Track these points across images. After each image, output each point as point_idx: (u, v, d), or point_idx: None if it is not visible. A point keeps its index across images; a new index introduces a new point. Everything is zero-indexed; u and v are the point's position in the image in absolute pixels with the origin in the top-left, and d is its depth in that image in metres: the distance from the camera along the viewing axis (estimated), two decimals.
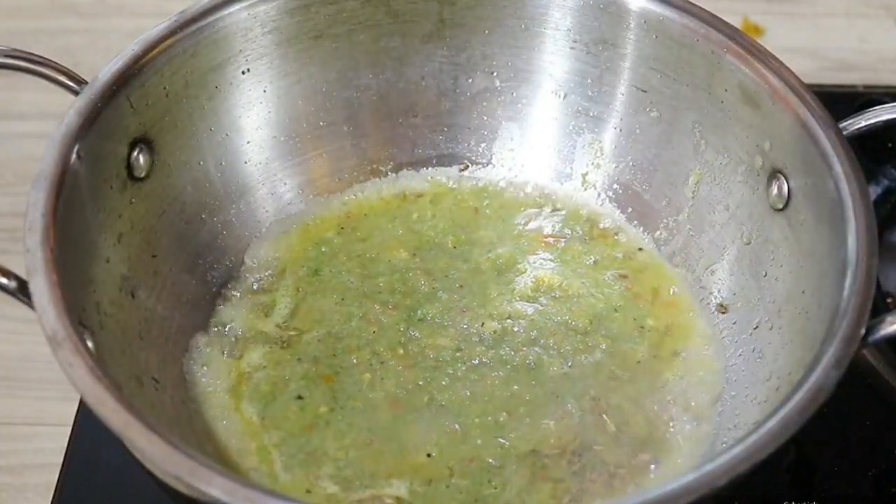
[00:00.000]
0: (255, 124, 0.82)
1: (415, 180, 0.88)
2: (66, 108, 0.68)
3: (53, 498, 0.76)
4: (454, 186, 0.89)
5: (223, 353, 0.77)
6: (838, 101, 0.71)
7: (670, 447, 0.74)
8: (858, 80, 1.07)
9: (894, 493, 0.77)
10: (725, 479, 0.55)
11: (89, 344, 0.60)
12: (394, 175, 0.88)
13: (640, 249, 0.85)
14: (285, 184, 0.85)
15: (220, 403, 0.75)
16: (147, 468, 0.59)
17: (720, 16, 0.78)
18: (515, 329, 0.79)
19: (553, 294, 0.82)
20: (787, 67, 0.74)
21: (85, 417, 0.80)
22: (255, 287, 0.81)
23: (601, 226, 0.86)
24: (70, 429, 0.79)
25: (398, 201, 0.88)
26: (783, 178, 0.74)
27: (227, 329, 0.78)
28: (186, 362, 0.76)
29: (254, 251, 0.83)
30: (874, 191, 0.91)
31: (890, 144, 0.95)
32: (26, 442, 0.84)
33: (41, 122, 1.01)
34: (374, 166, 0.88)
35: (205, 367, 0.76)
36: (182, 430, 0.71)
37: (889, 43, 1.15)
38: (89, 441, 0.78)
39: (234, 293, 0.81)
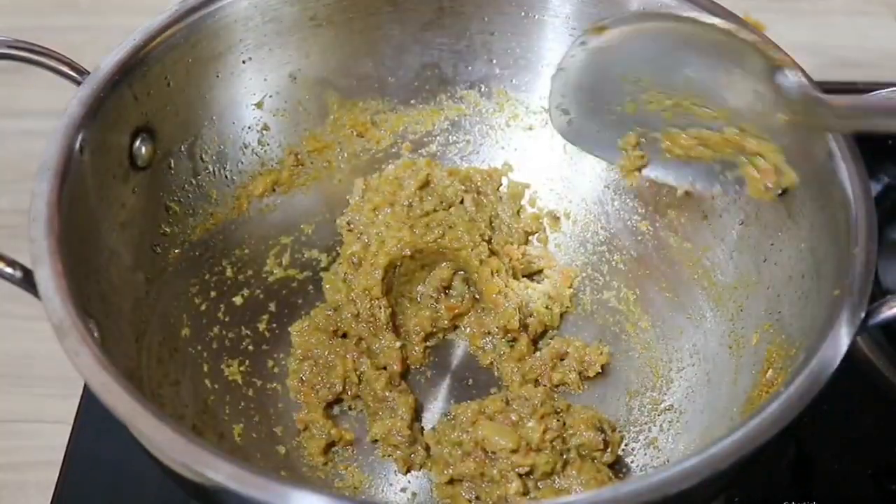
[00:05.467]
0: (256, 114, 0.82)
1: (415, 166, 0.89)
2: (68, 100, 0.68)
3: (54, 495, 0.77)
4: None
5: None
6: None
7: (672, 428, 0.75)
8: (859, 77, 1.07)
9: (894, 492, 0.78)
10: (728, 463, 0.55)
11: (95, 333, 0.61)
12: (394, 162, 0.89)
13: None
14: None
15: None
16: (153, 455, 0.59)
17: None
18: None
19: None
20: (787, 55, 0.74)
21: (85, 415, 0.80)
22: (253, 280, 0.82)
23: None
24: (70, 426, 0.80)
25: (395, 188, 0.88)
26: None
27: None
28: None
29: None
30: (874, 188, 0.90)
31: (890, 142, 0.95)
32: (27, 439, 0.84)
33: (41, 119, 1.00)
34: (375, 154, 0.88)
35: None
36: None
37: (889, 40, 1.15)
38: (90, 438, 0.79)
39: (235, 287, 0.81)
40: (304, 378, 0.78)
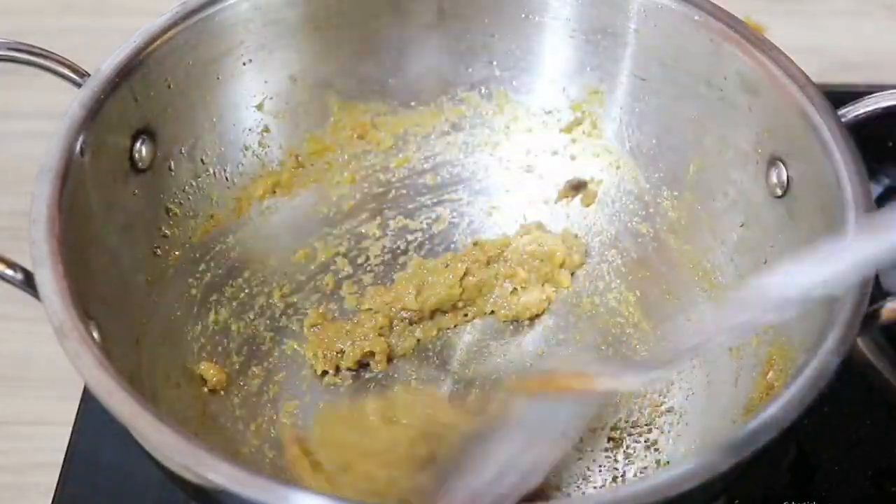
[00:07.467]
0: (256, 116, 0.82)
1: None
2: (69, 102, 0.68)
3: (54, 498, 0.76)
4: None
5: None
6: (840, 101, 0.71)
7: (673, 430, 0.75)
8: (860, 80, 1.06)
9: (894, 493, 0.78)
10: (728, 464, 0.55)
11: (95, 335, 0.61)
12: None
13: None
14: None
15: None
16: (154, 457, 0.59)
17: None
18: None
19: None
20: (785, 55, 0.74)
21: (86, 417, 0.80)
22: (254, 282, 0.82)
23: None
24: (71, 428, 0.80)
25: None
26: (782, 165, 0.74)
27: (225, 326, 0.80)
28: None
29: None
30: (875, 190, 0.90)
31: (891, 143, 0.95)
32: (27, 441, 0.83)
33: (41, 121, 1.00)
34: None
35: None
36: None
37: (891, 42, 1.14)
38: (90, 440, 0.79)
39: (236, 290, 0.81)
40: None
